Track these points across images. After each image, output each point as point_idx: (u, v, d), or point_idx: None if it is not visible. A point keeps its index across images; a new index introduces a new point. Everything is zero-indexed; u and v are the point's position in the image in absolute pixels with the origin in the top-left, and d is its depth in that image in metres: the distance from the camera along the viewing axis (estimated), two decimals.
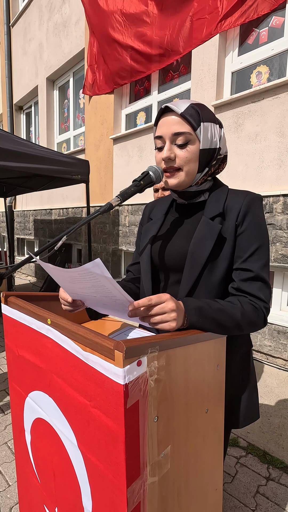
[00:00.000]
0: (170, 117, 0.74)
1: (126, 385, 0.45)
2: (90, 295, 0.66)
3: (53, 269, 0.63)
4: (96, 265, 0.53)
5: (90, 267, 0.54)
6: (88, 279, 0.59)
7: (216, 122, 0.77)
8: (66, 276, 0.63)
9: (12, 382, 0.83)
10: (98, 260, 0.53)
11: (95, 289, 0.62)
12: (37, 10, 5.54)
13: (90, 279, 0.58)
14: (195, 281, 0.75)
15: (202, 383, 0.64)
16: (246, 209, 0.75)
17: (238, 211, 0.75)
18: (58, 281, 0.69)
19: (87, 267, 0.54)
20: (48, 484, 0.72)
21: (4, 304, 0.79)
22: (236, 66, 2.90)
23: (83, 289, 0.65)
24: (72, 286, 0.67)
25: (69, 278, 0.63)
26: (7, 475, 1.54)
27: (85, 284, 0.62)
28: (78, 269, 0.57)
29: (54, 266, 0.62)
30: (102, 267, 0.53)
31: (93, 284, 0.60)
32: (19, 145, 2.91)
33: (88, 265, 0.53)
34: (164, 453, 0.55)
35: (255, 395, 0.88)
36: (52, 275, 0.67)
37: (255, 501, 1.39)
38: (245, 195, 0.77)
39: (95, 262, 0.53)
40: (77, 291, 0.68)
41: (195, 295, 0.75)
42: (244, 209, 0.75)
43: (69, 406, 0.59)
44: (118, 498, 0.49)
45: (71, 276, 0.61)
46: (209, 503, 0.72)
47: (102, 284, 0.58)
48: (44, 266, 0.65)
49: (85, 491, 0.59)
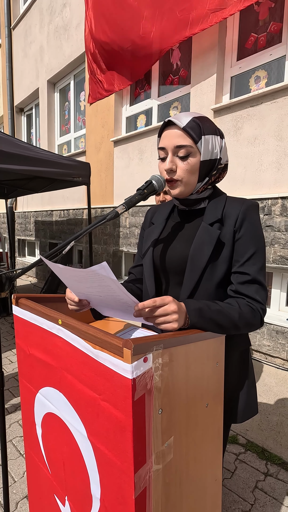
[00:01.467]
0: (172, 130, 0.78)
1: (134, 379, 0.50)
2: (96, 294, 0.70)
3: (63, 269, 0.66)
4: (103, 268, 0.57)
5: (97, 269, 0.58)
6: (94, 280, 0.63)
7: (217, 133, 0.81)
8: (75, 275, 0.66)
9: (23, 380, 0.88)
10: (104, 263, 0.57)
11: (101, 288, 0.66)
12: (38, 13, 5.59)
13: (96, 279, 0.62)
14: (196, 284, 0.79)
15: (202, 379, 0.69)
16: (243, 216, 0.79)
17: (236, 218, 0.80)
18: (65, 281, 0.72)
19: (94, 269, 0.58)
20: (58, 474, 0.77)
21: (16, 305, 0.84)
22: (235, 71, 2.96)
23: (90, 289, 0.69)
24: (78, 286, 0.71)
25: (77, 278, 0.67)
26: (13, 472, 1.58)
27: (91, 284, 0.66)
28: (86, 270, 0.61)
29: (64, 266, 0.66)
30: (108, 270, 0.57)
31: (99, 284, 0.64)
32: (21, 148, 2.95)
33: (95, 267, 0.58)
34: (167, 443, 0.60)
35: (254, 391, 0.92)
36: (61, 275, 0.71)
37: (253, 495, 1.44)
38: (242, 203, 0.81)
39: (102, 265, 0.57)
40: (84, 291, 0.72)
41: (196, 297, 0.80)
42: (241, 216, 0.79)
43: (79, 400, 0.64)
44: (126, 483, 0.54)
45: (79, 275, 0.65)
46: (209, 492, 0.77)
47: (107, 284, 0.62)
48: (52, 267, 0.68)
49: (94, 479, 0.63)
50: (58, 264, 0.66)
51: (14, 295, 0.83)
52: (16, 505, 1.40)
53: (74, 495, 0.71)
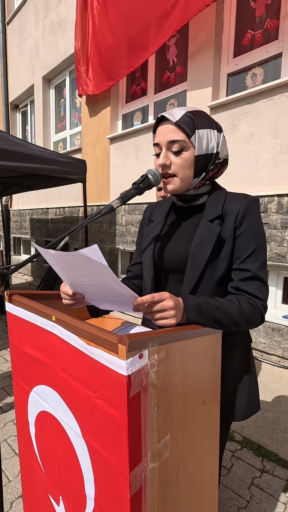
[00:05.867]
0: (166, 125, 0.77)
1: (129, 376, 0.49)
2: (89, 284, 0.67)
3: (54, 255, 0.63)
4: (93, 251, 0.54)
5: (87, 253, 0.55)
6: (86, 266, 0.60)
7: (213, 127, 0.80)
8: (65, 261, 0.63)
9: (16, 378, 0.86)
10: (95, 246, 0.53)
11: (93, 276, 0.63)
12: (33, 8, 5.53)
13: (88, 265, 0.59)
14: (197, 282, 0.78)
15: (199, 376, 0.68)
16: (244, 212, 0.78)
17: (236, 214, 0.78)
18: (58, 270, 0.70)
19: (84, 252, 0.55)
20: (52, 474, 0.76)
21: (9, 302, 0.82)
22: (232, 68, 2.94)
23: (82, 277, 0.66)
24: (71, 274, 0.68)
25: (68, 264, 0.64)
26: (8, 471, 1.57)
27: (84, 271, 0.63)
28: (75, 253, 0.57)
29: (55, 251, 0.62)
30: (98, 253, 0.53)
31: (91, 270, 0.61)
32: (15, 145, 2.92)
33: (85, 250, 0.54)
34: (163, 441, 0.59)
35: (256, 388, 0.92)
36: (52, 262, 0.68)
37: (249, 492, 1.44)
38: (243, 198, 0.80)
39: (92, 248, 0.53)
40: (77, 280, 0.69)
41: (197, 294, 0.79)
42: (242, 212, 0.78)
43: (74, 398, 0.62)
44: (121, 482, 0.53)
45: (70, 261, 0.62)
46: (206, 490, 0.76)
47: (99, 271, 0.59)
48: (43, 252, 0.65)
49: (88, 479, 0.62)
50: (49, 250, 0.63)
51: (7, 292, 0.81)
52: (11, 504, 1.39)
53: (69, 494, 0.70)
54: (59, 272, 0.71)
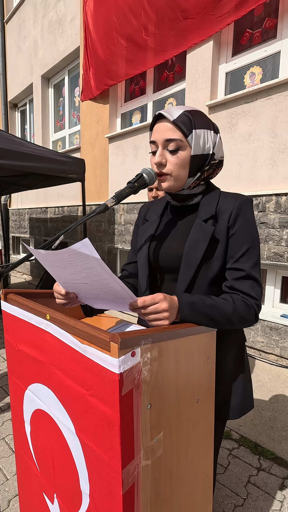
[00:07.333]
0: (163, 123, 0.77)
1: (121, 374, 0.49)
2: (82, 282, 0.67)
3: (44, 254, 0.62)
4: (85, 245, 0.52)
5: (78, 247, 0.53)
6: (78, 262, 0.59)
7: (210, 128, 0.80)
8: (57, 259, 0.62)
9: (12, 376, 0.86)
10: (86, 240, 0.52)
11: (86, 272, 0.61)
12: (31, 7, 5.51)
13: (80, 262, 0.58)
14: (191, 281, 0.78)
15: (193, 374, 0.68)
16: (237, 212, 0.78)
17: (229, 214, 0.79)
18: (49, 269, 0.69)
19: (75, 247, 0.53)
20: (47, 472, 0.76)
21: (4, 301, 0.83)
22: (230, 67, 2.94)
23: (75, 275, 0.65)
24: (63, 273, 0.67)
25: (60, 263, 0.63)
26: (5, 469, 1.57)
27: (76, 268, 0.61)
28: (67, 249, 0.56)
29: (45, 251, 0.61)
30: (90, 247, 0.52)
31: (83, 267, 0.60)
32: (14, 144, 2.92)
33: (76, 245, 0.53)
34: (156, 438, 0.59)
35: (250, 386, 0.92)
36: (43, 262, 0.67)
37: (246, 490, 1.45)
38: (236, 198, 0.80)
39: (84, 242, 0.52)
40: (69, 279, 0.68)
41: (192, 293, 0.79)
42: (235, 211, 0.78)
43: (68, 396, 0.63)
44: (114, 479, 0.53)
45: (61, 259, 0.61)
46: (200, 487, 0.77)
47: (92, 266, 0.58)
48: (33, 252, 0.64)
49: (82, 475, 0.63)
50: (39, 250, 0.63)
51: (2, 290, 0.81)
52: (8, 503, 1.39)
53: (63, 492, 0.71)
54: (51, 271, 0.70)
